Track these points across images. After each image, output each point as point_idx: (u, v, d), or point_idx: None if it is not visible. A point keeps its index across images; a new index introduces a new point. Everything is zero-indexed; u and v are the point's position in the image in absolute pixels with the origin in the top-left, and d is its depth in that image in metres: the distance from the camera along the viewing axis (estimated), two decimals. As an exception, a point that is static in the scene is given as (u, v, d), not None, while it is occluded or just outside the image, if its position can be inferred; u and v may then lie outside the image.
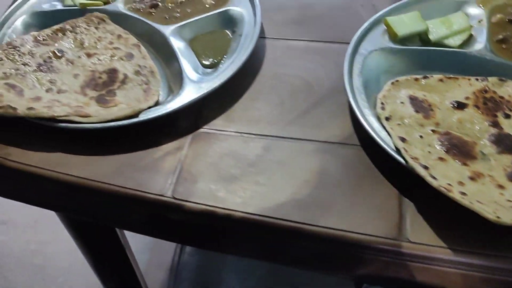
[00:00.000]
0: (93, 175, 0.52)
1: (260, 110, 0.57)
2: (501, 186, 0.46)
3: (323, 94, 0.58)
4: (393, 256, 0.45)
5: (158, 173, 0.52)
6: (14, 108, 0.54)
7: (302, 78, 0.60)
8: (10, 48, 0.61)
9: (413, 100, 0.54)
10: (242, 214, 0.48)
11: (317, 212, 0.48)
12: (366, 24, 0.61)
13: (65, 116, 0.54)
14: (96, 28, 0.66)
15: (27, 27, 0.68)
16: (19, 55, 0.61)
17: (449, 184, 0.44)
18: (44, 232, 1.38)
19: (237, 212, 0.48)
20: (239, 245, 0.52)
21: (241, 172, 0.51)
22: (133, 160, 0.53)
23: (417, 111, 0.53)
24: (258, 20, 0.63)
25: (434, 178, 0.45)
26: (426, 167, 0.46)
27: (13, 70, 0.59)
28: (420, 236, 0.45)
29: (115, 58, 0.62)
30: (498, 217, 0.42)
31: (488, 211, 0.42)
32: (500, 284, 0.44)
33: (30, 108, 0.54)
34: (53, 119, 0.54)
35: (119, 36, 0.65)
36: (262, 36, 0.65)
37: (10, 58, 0.61)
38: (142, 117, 0.55)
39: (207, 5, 0.68)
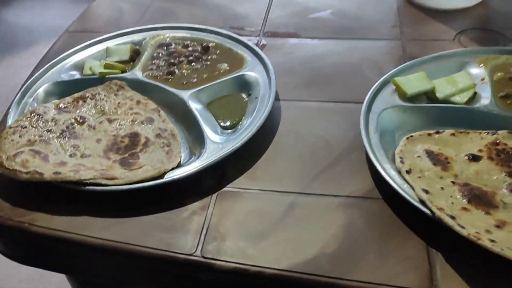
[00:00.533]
0: (121, 237, 0.52)
1: (281, 168, 0.59)
2: (526, 233, 0.47)
3: (340, 150, 0.60)
4: (428, 308, 0.45)
5: (186, 233, 0.52)
6: (41, 173, 0.55)
7: (319, 136, 0.63)
8: (33, 116, 0.63)
9: (430, 154, 0.56)
10: (274, 271, 0.48)
11: (349, 265, 0.48)
12: (376, 84, 0.65)
13: (92, 179, 0.55)
14: (116, 94, 0.68)
15: (48, 95, 0.70)
16: (43, 122, 0.63)
17: (477, 233, 0.46)
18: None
19: (269, 269, 0.48)
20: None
21: (269, 229, 0.52)
22: (160, 221, 0.54)
23: (434, 164, 0.55)
24: (273, 83, 0.66)
25: (462, 227, 0.46)
26: (453, 217, 0.47)
27: (37, 137, 0.60)
28: (452, 287, 0.46)
29: (136, 122, 0.64)
30: (530, 263, 0.43)
31: (519, 257, 0.43)
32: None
33: (57, 173, 0.55)
34: (80, 183, 0.55)
35: (138, 102, 0.67)
36: (276, 98, 0.68)
37: (34, 125, 0.62)
38: (168, 178, 0.56)
39: (221, 71, 0.72)
